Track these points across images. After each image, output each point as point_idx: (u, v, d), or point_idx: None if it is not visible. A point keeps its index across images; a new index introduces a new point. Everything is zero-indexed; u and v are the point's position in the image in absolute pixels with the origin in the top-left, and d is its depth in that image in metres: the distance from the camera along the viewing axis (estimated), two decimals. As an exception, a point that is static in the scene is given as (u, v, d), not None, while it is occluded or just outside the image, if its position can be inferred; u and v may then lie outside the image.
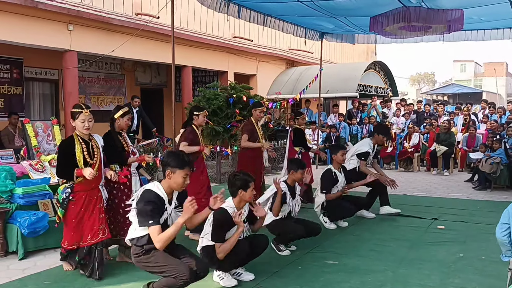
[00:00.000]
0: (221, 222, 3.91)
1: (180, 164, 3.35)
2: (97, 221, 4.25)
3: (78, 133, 4.20)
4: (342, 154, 6.07)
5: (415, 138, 11.87)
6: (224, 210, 3.96)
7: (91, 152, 4.21)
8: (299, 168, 5.03)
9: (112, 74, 13.20)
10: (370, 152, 6.55)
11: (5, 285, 4.15)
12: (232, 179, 4.08)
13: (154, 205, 3.27)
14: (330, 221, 5.99)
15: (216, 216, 3.93)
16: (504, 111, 12.72)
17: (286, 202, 4.97)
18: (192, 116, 5.67)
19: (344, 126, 13.36)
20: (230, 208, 4.00)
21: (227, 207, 3.98)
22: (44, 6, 8.72)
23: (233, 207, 4.01)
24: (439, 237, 5.53)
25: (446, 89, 39.80)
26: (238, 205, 4.04)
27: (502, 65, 54.48)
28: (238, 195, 4.02)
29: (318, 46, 10.58)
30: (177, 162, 3.35)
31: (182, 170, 3.35)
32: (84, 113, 4.13)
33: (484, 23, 8.02)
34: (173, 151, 3.63)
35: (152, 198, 3.30)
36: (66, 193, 4.15)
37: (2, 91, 10.33)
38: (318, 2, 6.76)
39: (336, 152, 6.11)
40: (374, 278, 4.21)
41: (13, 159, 5.99)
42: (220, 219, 3.91)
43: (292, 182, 5.07)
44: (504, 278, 4.16)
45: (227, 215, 3.93)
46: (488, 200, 7.96)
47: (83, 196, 4.20)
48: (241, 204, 4.07)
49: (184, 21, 11.99)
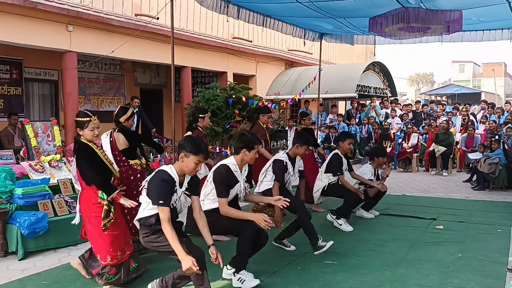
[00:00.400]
0: (223, 177, 3.92)
1: (195, 150, 3.38)
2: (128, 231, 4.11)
3: (86, 140, 4.01)
4: (349, 143, 6.17)
5: (414, 138, 11.89)
6: (226, 165, 4.00)
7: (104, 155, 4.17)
8: (304, 144, 5.17)
9: (111, 75, 13.20)
10: (372, 178, 6.54)
11: (4, 285, 4.15)
12: (239, 136, 4.14)
13: (166, 184, 3.30)
14: (344, 222, 5.90)
15: (218, 171, 3.96)
16: (502, 112, 12.74)
17: (287, 171, 5.10)
18: (198, 119, 5.73)
19: (343, 127, 13.37)
20: (233, 165, 4.03)
21: (229, 164, 4.02)
22: (44, 6, 8.73)
23: (235, 164, 4.05)
24: (438, 237, 5.55)
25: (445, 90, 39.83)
26: (240, 163, 4.08)
27: (500, 65, 54.56)
28: (241, 153, 4.05)
29: (317, 47, 10.60)
30: (192, 147, 3.38)
31: (195, 156, 3.38)
32: (93, 121, 3.98)
33: (483, 23, 8.03)
34: (191, 136, 3.60)
35: (165, 177, 3.33)
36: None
37: (2, 92, 10.33)
38: (317, 3, 6.77)
39: (343, 140, 6.18)
40: (373, 278, 4.23)
41: (13, 160, 6.00)
42: (222, 174, 3.92)
43: (293, 154, 5.21)
44: (503, 278, 4.19)
45: (230, 171, 3.97)
46: (487, 200, 7.98)
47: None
48: (243, 163, 4.11)
49: (184, 22, 12.00)
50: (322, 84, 11.01)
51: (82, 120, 3.99)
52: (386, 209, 6.94)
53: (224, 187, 3.93)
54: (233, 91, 10.47)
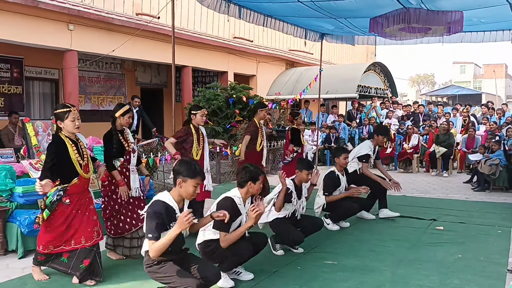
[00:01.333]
0: (228, 211, 3.85)
1: (191, 173, 3.35)
2: (91, 223, 4.14)
3: (66, 133, 4.00)
4: (344, 157, 6.02)
5: (415, 139, 11.89)
6: (231, 199, 3.98)
7: (81, 153, 4.08)
8: (304, 168, 5.06)
9: (112, 74, 13.21)
10: (370, 154, 6.55)
11: (4, 283, 4.15)
12: (242, 170, 4.10)
13: (158, 219, 3.24)
14: (332, 223, 5.98)
15: (222, 204, 3.94)
16: (503, 113, 12.74)
17: (291, 201, 4.97)
18: (191, 115, 5.68)
19: (343, 127, 13.37)
20: (237, 198, 4.01)
21: (233, 196, 4.00)
22: (45, 5, 8.74)
23: (240, 197, 4.03)
24: (438, 238, 5.54)
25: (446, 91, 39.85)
26: (245, 196, 4.06)
27: (501, 67, 54.56)
28: (246, 186, 4.03)
29: (318, 47, 10.60)
30: (188, 171, 3.35)
31: (193, 179, 3.35)
32: (73, 111, 3.96)
33: (484, 25, 8.03)
34: (185, 160, 3.58)
35: (159, 209, 3.28)
36: (57, 195, 3.95)
37: (2, 90, 10.34)
38: (318, 3, 6.76)
39: (339, 155, 6.06)
40: (373, 279, 4.22)
41: (13, 158, 5.99)
42: (227, 208, 3.89)
43: (299, 181, 5.09)
44: (503, 279, 4.19)
45: (234, 204, 3.95)
46: (487, 201, 7.97)
47: (76, 199, 4.06)
48: (247, 195, 4.08)
49: (185, 21, 12.01)
50: (322, 85, 11.01)
51: (61, 111, 3.95)
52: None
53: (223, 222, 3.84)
54: (234, 91, 10.49)
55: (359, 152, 6.58)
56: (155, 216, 3.24)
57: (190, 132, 5.59)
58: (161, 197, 3.39)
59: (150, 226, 3.24)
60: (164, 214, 3.27)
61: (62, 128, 3.99)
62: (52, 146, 3.99)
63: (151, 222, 3.23)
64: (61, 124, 3.97)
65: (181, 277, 3.28)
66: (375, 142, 6.66)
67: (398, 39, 8.57)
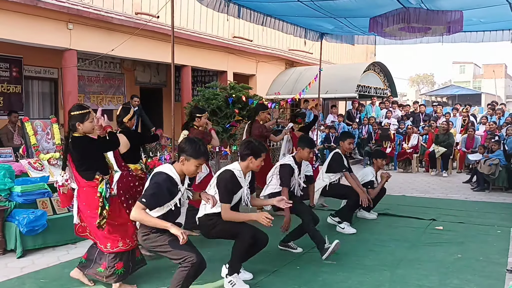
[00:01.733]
0: (228, 182, 3.91)
1: (196, 153, 3.37)
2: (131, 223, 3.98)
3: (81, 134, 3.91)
4: (349, 142, 6.15)
5: (414, 139, 11.89)
6: (231, 171, 3.98)
7: None
8: (306, 146, 5.09)
9: (111, 73, 13.19)
10: (374, 180, 6.51)
11: (3, 283, 4.15)
12: (246, 143, 4.11)
13: (157, 188, 3.28)
14: (348, 226, 5.83)
15: (222, 176, 3.94)
16: (502, 113, 12.74)
17: (293, 175, 5.04)
18: (194, 118, 5.69)
19: (343, 127, 13.36)
20: (237, 170, 4.01)
21: (233, 169, 4.00)
22: (44, 4, 8.72)
23: (240, 170, 4.03)
24: (437, 238, 5.54)
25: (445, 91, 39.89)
26: (245, 170, 4.06)
27: (501, 67, 54.58)
28: (247, 160, 4.02)
29: (318, 47, 10.59)
30: (193, 150, 3.37)
31: (196, 159, 3.38)
32: (92, 112, 3.94)
33: (483, 24, 8.02)
34: (192, 139, 3.56)
35: (161, 181, 3.31)
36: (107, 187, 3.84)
37: (1, 90, 10.32)
38: (318, 2, 6.76)
39: (344, 139, 6.17)
40: (372, 278, 4.22)
41: (12, 158, 5.99)
42: (226, 179, 3.91)
43: (299, 158, 5.13)
44: (502, 279, 4.18)
45: (234, 176, 3.95)
46: (487, 201, 7.97)
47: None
48: (248, 170, 4.09)
49: (184, 21, 11.99)
50: (322, 84, 11.01)
51: (81, 113, 3.88)
52: (386, 209, 6.92)
53: (227, 192, 3.90)
54: (233, 91, 10.46)
55: (363, 180, 6.46)
56: (155, 186, 3.29)
57: (202, 132, 5.69)
58: (164, 169, 3.43)
59: (146, 192, 3.28)
60: (165, 187, 3.31)
61: (78, 129, 3.87)
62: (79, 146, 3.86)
63: (149, 190, 3.28)
64: (80, 126, 3.87)
65: (180, 248, 3.24)
66: (376, 167, 6.62)
67: (398, 39, 8.56)
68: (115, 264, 3.84)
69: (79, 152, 3.85)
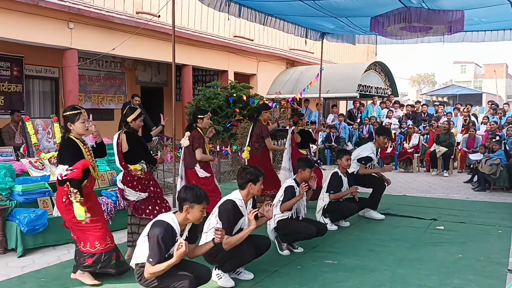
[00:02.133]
0: (230, 213, 3.90)
1: (197, 199, 3.37)
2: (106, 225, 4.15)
3: (76, 135, 3.95)
4: (346, 159, 6.05)
5: (415, 138, 11.87)
6: (232, 201, 3.97)
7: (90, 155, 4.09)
8: (307, 167, 5.06)
9: (112, 73, 13.20)
10: (372, 156, 6.51)
11: (3, 282, 4.15)
12: (242, 172, 4.09)
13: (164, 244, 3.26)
14: (331, 222, 5.98)
15: (224, 207, 3.93)
16: (504, 112, 12.72)
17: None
18: (197, 119, 5.67)
19: (344, 126, 13.35)
20: (238, 200, 4.00)
21: (235, 199, 3.99)
22: (45, 4, 8.73)
23: (241, 199, 4.02)
24: (438, 238, 5.53)
25: (446, 90, 39.85)
26: (246, 198, 4.05)
27: (502, 66, 54.53)
28: (246, 188, 4.02)
29: (319, 46, 10.58)
30: (195, 197, 3.37)
31: (200, 204, 3.38)
32: (83, 113, 3.94)
33: (484, 24, 8.01)
34: (189, 186, 3.56)
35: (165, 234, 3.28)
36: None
37: (2, 89, 10.33)
38: (319, 2, 6.75)
39: (341, 157, 6.11)
40: (373, 278, 4.21)
41: (13, 157, 5.98)
42: (229, 210, 3.89)
43: (300, 180, 5.08)
44: (503, 279, 4.18)
45: (235, 206, 3.95)
46: (488, 201, 7.96)
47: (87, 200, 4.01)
48: (248, 197, 4.08)
49: (185, 20, 11.99)
50: (323, 84, 11.00)
51: (72, 113, 3.91)
52: (387, 209, 6.92)
53: (230, 224, 3.89)
54: (234, 90, 10.48)
55: (360, 154, 6.55)
56: (162, 241, 3.25)
57: (202, 136, 5.66)
58: (165, 218, 3.40)
59: (153, 251, 3.25)
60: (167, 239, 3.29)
61: (71, 130, 3.92)
62: (69, 151, 3.89)
63: (155, 247, 3.25)
64: (71, 126, 3.90)
65: (172, 276, 3.29)
66: (377, 144, 6.64)
67: (399, 38, 8.55)
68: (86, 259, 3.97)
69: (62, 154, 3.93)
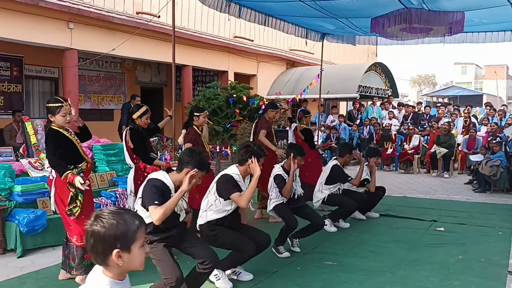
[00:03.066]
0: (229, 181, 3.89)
1: (200, 165, 3.37)
2: None
3: (57, 127, 4.02)
4: (348, 156, 6.20)
5: (415, 140, 11.86)
6: (230, 176, 3.97)
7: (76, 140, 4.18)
8: (298, 155, 5.09)
9: (112, 73, 13.19)
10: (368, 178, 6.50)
11: (3, 283, 4.14)
12: (244, 148, 4.08)
13: (157, 189, 3.27)
14: (331, 223, 5.96)
15: (221, 180, 3.93)
16: (504, 114, 12.70)
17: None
18: (193, 117, 5.68)
19: (344, 127, 13.34)
20: (236, 175, 3.99)
21: (232, 174, 3.98)
22: (45, 4, 8.72)
23: (238, 174, 4.01)
24: (438, 239, 5.52)
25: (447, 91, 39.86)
26: (243, 174, 4.04)
27: (502, 67, 54.53)
28: (245, 165, 4.00)
29: (319, 47, 10.56)
30: (197, 163, 3.37)
31: (201, 171, 3.38)
32: (65, 106, 4.00)
33: (485, 25, 8.00)
34: (194, 151, 3.57)
35: (158, 184, 3.31)
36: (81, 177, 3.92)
37: (2, 89, 10.32)
38: (319, 2, 6.73)
39: (342, 155, 6.20)
40: (373, 279, 4.20)
41: (12, 157, 5.98)
42: (228, 182, 3.89)
43: (288, 166, 5.11)
44: (503, 280, 4.16)
45: (233, 179, 3.93)
46: (488, 202, 7.95)
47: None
48: (246, 174, 4.06)
49: (185, 21, 11.98)
50: (323, 85, 10.98)
51: (53, 105, 4.00)
52: (387, 210, 6.91)
53: (232, 187, 3.87)
54: (234, 91, 10.46)
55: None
56: (154, 188, 3.26)
57: (197, 133, 5.63)
58: (158, 175, 3.40)
59: (150, 195, 3.23)
60: (160, 189, 3.28)
61: (53, 121, 4.02)
62: (50, 138, 4.00)
63: (151, 192, 3.24)
64: (52, 118, 4.01)
65: (166, 265, 3.28)
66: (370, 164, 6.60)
67: (399, 39, 8.55)
68: (84, 255, 3.96)
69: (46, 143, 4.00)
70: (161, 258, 3.32)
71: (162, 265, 3.30)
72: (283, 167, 5.16)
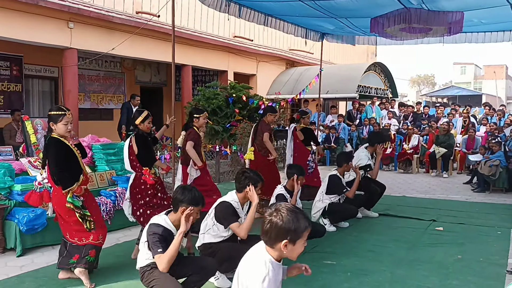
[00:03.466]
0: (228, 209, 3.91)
1: (194, 201, 3.37)
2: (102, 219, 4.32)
3: (58, 136, 4.01)
4: (346, 166, 6.17)
5: (414, 139, 11.87)
6: (228, 203, 3.98)
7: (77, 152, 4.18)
8: (299, 175, 5.07)
9: (112, 72, 13.19)
10: (371, 163, 6.54)
11: (2, 281, 4.15)
12: (241, 176, 4.08)
13: (160, 235, 3.28)
14: (330, 224, 5.98)
15: (220, 207, 3.94)
16: (503, 114, 12.72)
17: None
18: (193, 118, 5.69)
19: (343, 127, 13.35)
20: (234, 202, 4.00)
21: (231, 201, 3.99)
22: (45, 3, 8.72)
23: (237, 201, 4.02)
24: (437, 239, 5.53)
25: (446, 92, 39.91)
26: (242, 201, 4.05)
27: (502, 68, 54.59)
28: (243, 192, 4.01)
29: (319, 47, 10.57)
30: (191, 199, 3.36)
31: (196, 207, 3.38)
32: (67, 115, 3.98)
33: (484, 25, 8.01)
34: (187, 188, 3.55)
35: (159, 231, 3.30)
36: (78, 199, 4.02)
37: (2, 88, 10.32)
38: (319, 2, 6.74)
39: (341, 164, 6.18)
40: (372, 279, 4.21)
41: (12, 156, 5.98)
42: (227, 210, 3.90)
43: (291, 186, 5.11)
44: (502, 280, 4.18)
45: (231, 207, 3.94)
46: (487, 202, 7.96)
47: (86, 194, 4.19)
48: (245, 200, 4.08)
49: (185, 20, 11.99)
50: (322, 84, 11.00)
51: (55, 114, 3.98)
52: (386, 210, 6.92)
53: (230, 216, 3.89)
54: (234, 90, 10.47)
55: (358, 163, 6.53)
56: (156, 236, 3.27)
57: (198, 134, 5.66)
58: (157, 220, 3.40)
59: (153, 243, 3.25)
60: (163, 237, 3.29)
61: (54, 129, 3.99)
62: (53, 147, 3.96)
63: (153, 241, 3.25)
64: (54, 126, 3.98)
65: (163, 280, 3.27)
66: (371, 149, 6.66)
67: (398, 39, 8.55)
68: (89, 251, 4.02)
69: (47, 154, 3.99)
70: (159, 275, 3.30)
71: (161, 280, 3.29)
72: (285, 187, 5.14)
